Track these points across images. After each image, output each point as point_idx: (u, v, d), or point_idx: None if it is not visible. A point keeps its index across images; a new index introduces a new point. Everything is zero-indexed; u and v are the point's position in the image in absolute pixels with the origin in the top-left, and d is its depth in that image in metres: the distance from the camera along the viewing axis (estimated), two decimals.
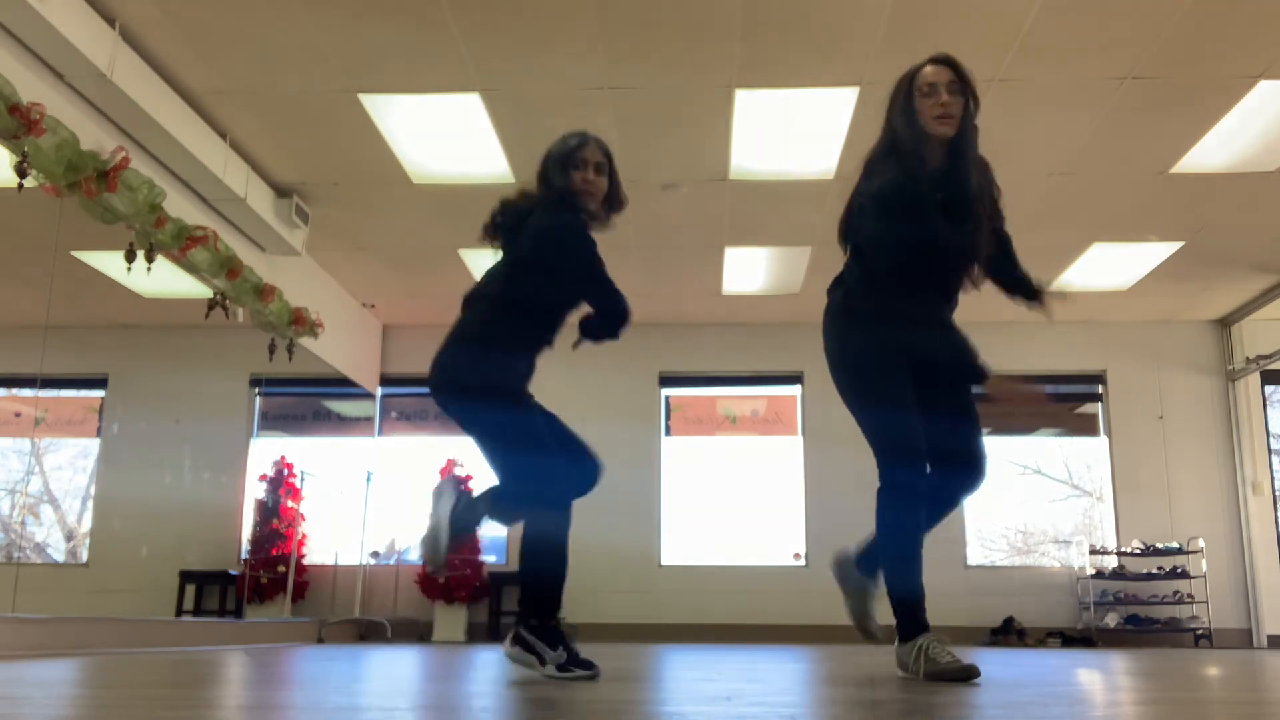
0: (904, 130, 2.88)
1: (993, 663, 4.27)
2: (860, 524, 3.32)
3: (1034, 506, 10.55)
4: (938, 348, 2.87)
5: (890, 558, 2.90)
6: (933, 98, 2.83)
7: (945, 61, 2.87)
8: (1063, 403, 10.01)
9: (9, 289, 8.67)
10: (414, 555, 9.50)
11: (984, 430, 3.03)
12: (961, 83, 2.83)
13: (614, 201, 3.10)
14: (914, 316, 2.85)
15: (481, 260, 8.35)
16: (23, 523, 10.46)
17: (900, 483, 2.84)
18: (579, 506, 3.13)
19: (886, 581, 2.92)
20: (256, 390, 9.71)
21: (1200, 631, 8.75)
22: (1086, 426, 9.91)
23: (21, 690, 2.22)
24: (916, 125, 2.86)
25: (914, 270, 2.83)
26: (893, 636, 2.95)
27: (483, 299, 3.06)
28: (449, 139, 6.31)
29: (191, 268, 6.47)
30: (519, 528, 3.07)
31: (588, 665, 2.81)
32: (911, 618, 2.85)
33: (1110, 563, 9.13)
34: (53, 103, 4.94)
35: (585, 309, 3.12)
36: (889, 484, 2.85)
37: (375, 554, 9.40)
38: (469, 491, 3.11)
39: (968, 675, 2.67)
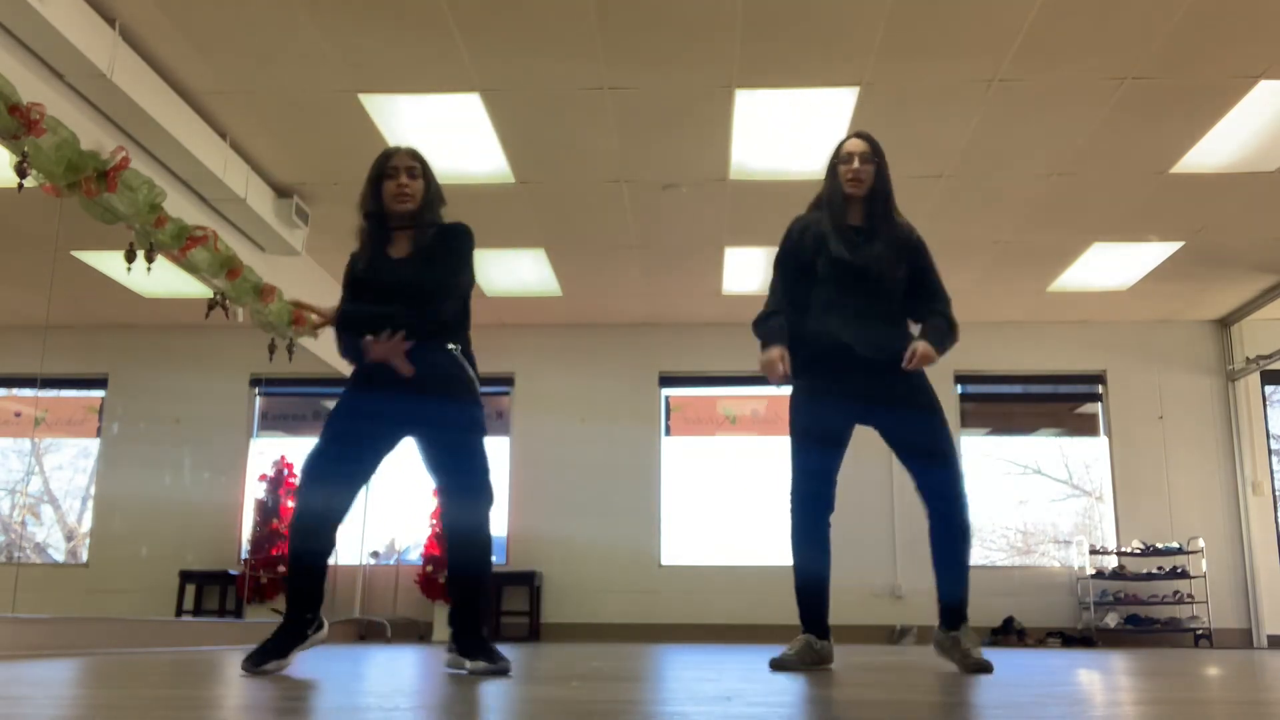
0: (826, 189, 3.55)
1: (994, 663, 4.26)
2: (860, 523, 3.35)
3: (1034, 506, 10.55)
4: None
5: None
6: (848, 164, 3.49)
7: (863, 136, 3.58)
8: (1063, 403, 10.02)
9: (9, 289, 8.67)
10: (414, 555, 9.51)
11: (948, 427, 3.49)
12: (875, 154, 3.52)
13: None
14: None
15: (481, 260, 8.37)
16: (23, 523, 10.46)
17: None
18: (580, 506, 3.12)
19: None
20: (256, 390, 9.71)
21: (1200, 631, 8.76)
22: (1086, 426, 9.91)
23: (21, 690, 2.22)
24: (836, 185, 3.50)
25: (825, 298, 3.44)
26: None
27: None
28: (449, 139, 6.31)
29: (191, 268, 6.47)
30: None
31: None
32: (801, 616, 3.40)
33: (1110, 563, 9.13)
34: (53, 103, 4.93)
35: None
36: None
37: (375, 554, 9.41)
38: None
39: (778, 668, 3.23)
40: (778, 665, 3.26)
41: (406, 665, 3.72)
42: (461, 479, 3.01)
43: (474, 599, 3.03)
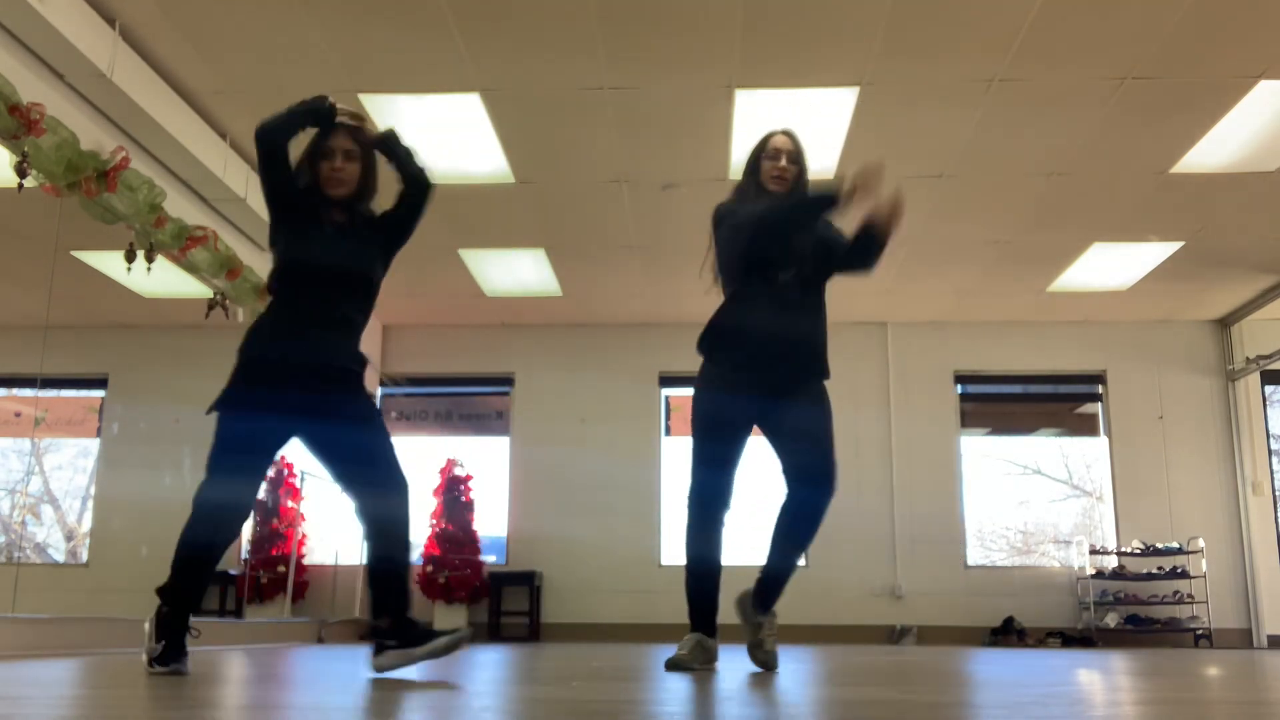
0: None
1: (993, 663, 4.27)
2: (860, 523, 3.35)
3: (1034, 506, 10.56)
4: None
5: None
6: (774, 161, 3.43)
7: (788, 134, 3.49)
8: (1063, 403, 10.02)
9: (9, 289, 8.67)
10: (414, 555, 9.50)
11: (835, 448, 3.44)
12: (799, 154, 3.44)
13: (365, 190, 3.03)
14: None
15: (482, 260, 8.38)
16: (23, 523, 10.46)
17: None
18: (580, 506, 3.09)
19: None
20: None
21: (1200, 631, 8.75)
22: (1086, 426, 9.91)
23: (21, 690, 2.22)
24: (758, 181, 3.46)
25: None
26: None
27: None
28: (449, 139, 6.31)
29: (191, 268, 6.47)
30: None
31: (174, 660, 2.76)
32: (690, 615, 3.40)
33: (1110, 563, 9.13)
34: (53, 103, 4.93)
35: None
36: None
37: None
38: None
39: (674, 668, 3.22)
40: (674, 665, 3.22)
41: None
42: (370, 470, 2.87)
43: (404, 588, 2.88)
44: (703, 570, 3.41)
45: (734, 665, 3.68)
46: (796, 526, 3.41)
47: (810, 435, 3.36)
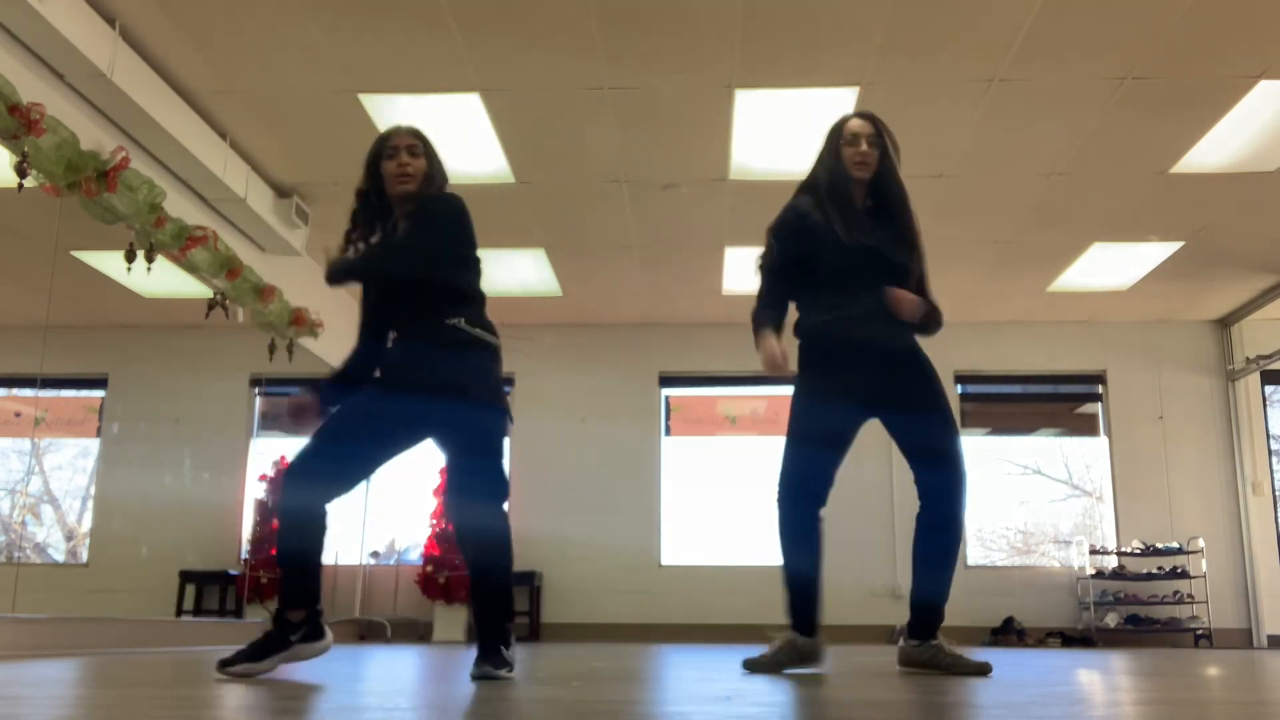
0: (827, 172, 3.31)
1: (993, 663, 4.26)
2: (860, 524, 3.34)
3: (1034, 506, 10.56)
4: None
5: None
6: (854, 147, 3.24)
7: (868, 116, 3.29)
8: (1063, 403, 10.02)
9: (9, 289, 8.67)
10: (414, 555, 9.51)
11: (958, 431, 3.29)
12: (879, 135, 3.24)
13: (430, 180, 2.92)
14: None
15: (483, 260, 8.36)
16: (23, 523, 10.46)
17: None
18: (580, 506, 3.09)
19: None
20: (256, 390, 9.70)
21: (1200, 631, 8.75)
22: (1086, 426, 9.91)
23: (21, 690, 2.22)
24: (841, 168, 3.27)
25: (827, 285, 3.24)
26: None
27: None
28: (449, 139, 6.30)
29: (191, 268, 6.47)
30: None
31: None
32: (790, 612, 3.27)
33: (1110, 563, 9.13)
34: (53, 103, 4.93)
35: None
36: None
37: (375, 554, 9.40)
38: None
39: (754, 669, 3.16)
40: (752, 666, 3.16)
41: (406, 665, 3.72)
42: (466, 480, 2.89)
43: (493, 605, 2.96)
44: (797, 566, 3.23)
45: (736, 665, 3.69)
46: (932, 559, 3.19)
47: (932, 451, 3.20)
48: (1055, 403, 10.01)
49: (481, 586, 2.95)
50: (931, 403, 3.26)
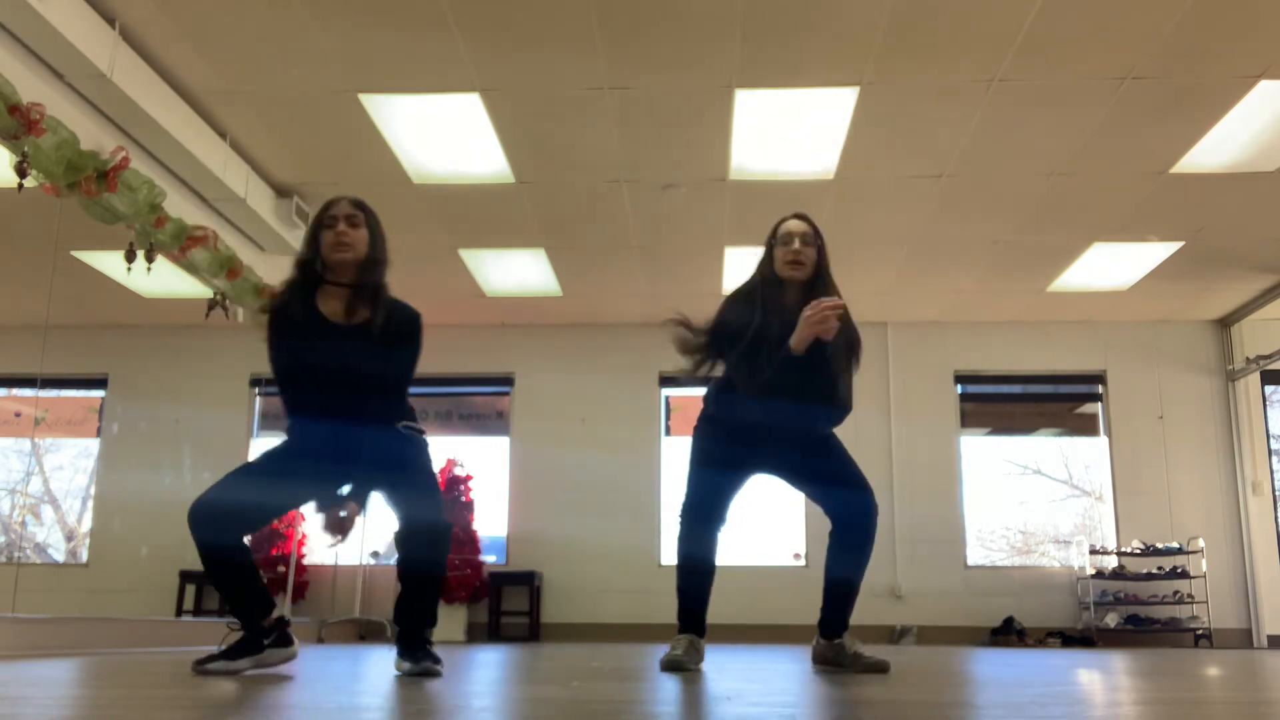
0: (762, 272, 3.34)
1: (993, 663, 4.27)
2: None
3: (1034, 506, 10.56)
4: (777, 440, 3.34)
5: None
6: (788, 246, 3.25)
7: (803, 218, 3.32)
8: (1063, 403, 10.02)
9: (9, 289, 8.67)
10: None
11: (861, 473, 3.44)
12: (815, 234, 3.28)
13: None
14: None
15: (482, 260, 8.38)
16: (23, 523, 10.46)
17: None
18: (580, 506, 3.11)
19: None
20: (256, 390, 9.70)
21: (1200, 631, 8.75)
22: (1086, 426, 9.91)
23: (21, 690, 2.22)
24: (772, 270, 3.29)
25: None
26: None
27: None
28: (449, 139, 6.31)
29: (191, 268, 6.47)
30: None
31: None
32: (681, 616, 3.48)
33: (1110, 563, 9.13)
34: (53, 103, 4.94)
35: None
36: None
37: (375, 554, 9.40)
38: None
39: (670, 668, 3.25)
40: (670, 666, 3.25)
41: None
42: (415, 494, 2.97)
43: (428, 597, 3.01)
44: (697, 574, 3.46)
45: (736, 665, 3.69)
46: (852, 547, 3.41)
47: (832, 475, 3.36)
48: (1055, 403, 10.01)
49: (435, 579, 3.10)
50: (836, 456, 3.40)
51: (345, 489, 2.94)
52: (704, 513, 3.42)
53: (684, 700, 2.05)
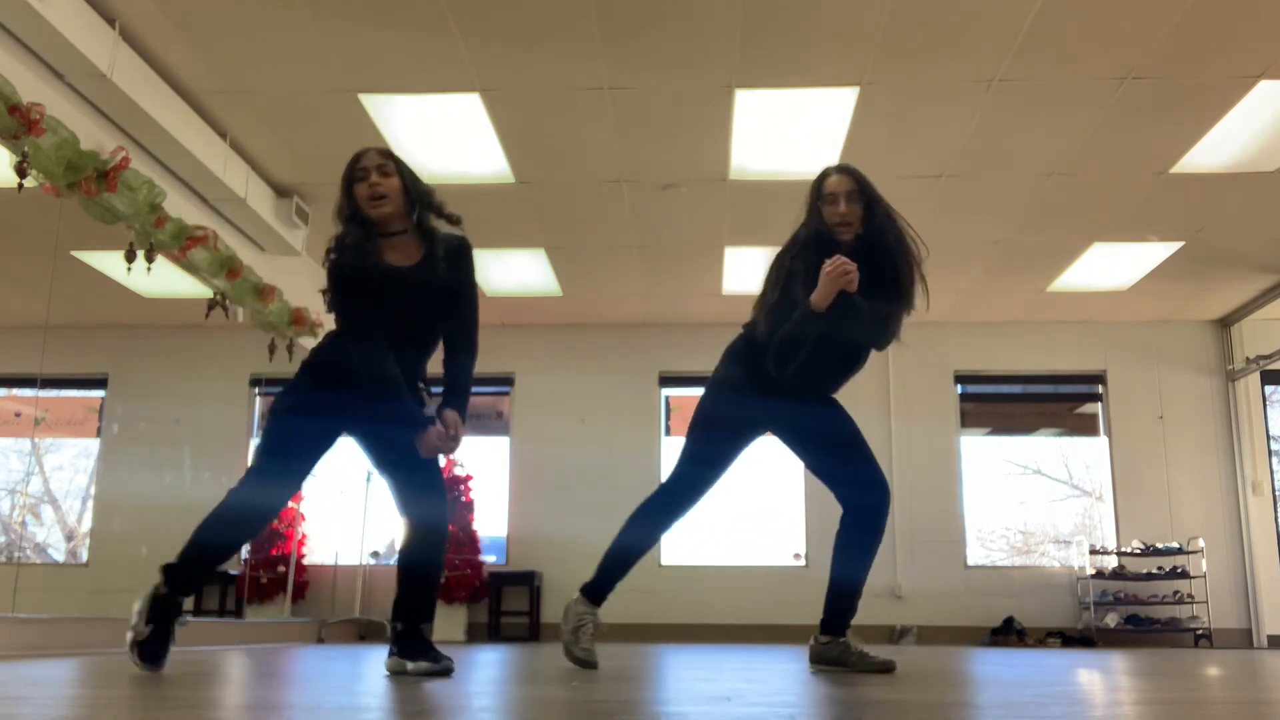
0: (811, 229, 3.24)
1: (993, 663, 4.27)
2: None
3: (1034, 506, 10.56)
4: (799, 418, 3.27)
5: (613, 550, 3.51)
6: (833, 206, 3.18)
7: (846, 171, 3.24)
8: (1063, 403, 10.02)
9: (9, 289, 8.67)
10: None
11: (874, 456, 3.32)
12: (861, 189, 3.20)
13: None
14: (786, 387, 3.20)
15: (482, 260, 8.36)
16: (23, 523, 10.46)
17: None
18: (580, 506, 3.11)
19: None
20: (256, 390, 9.70)
21: (1200, 631, 8.75)
22: (1086, 426, 9.91)
23: (21, 690, 2.22)
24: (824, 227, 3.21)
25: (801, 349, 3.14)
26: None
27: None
28: (449, 139, 6.31)
29: (191, 268, 6.47)
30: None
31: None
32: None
33: (1110, 563, 9.13)
34: (53, 103, 4.93)
35: None
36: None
37: (375, 554, 9.40)
38: None
39: (581, 663, 3.33)
40: (571, 656, 3.31)
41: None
42: (423, 475, 2.95)
43: (430, 594, 2.99)
44: (638, 554, 3.51)
45: (736, 665, 3.69)
46: (865, 536, 3.26)
47: (847, 441, 3.25)
48: (1055, 403, 10.01)
49: (433, 577, 3.09)
50: (841, 417, 3.30)
51: (430, 410, 2.93)
52: (678, 506, 3.39)
53: (684, 700, 2.05)
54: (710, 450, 3.33)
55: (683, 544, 9.48)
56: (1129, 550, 8.96)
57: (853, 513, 3.25)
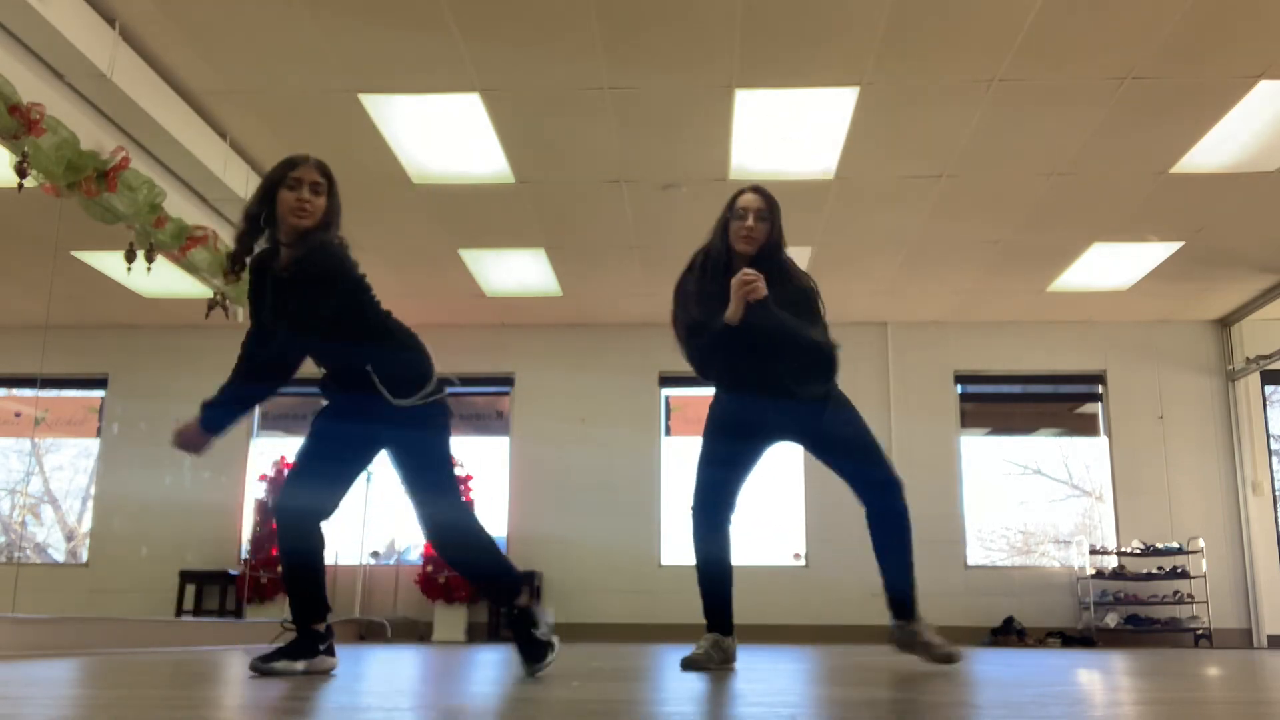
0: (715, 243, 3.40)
1: (993, 663, 4.27)
2: (858, 523, 3.37)
3: (1034, 506, 10.55)
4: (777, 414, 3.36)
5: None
6: (741, 221, 3.31)
7: (758, 191, 3.37)
8: (1063, 403, 10.01)
9: (9, 289, 8.67)
10: (414, 555, 9.51)
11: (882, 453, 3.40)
12: (769, 210, 3.33)
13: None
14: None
15: (482, 260, 8.38)
16: (23, 523, 10.46)
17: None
18: (580, 506, 3.11)
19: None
20: None
21: (1200, 631, 8.75)
22: (1086, 426, 9.91)
23: (21, 690, 2.22)
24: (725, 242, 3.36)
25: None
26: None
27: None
28: (449, 139, 6.31)
29: (191, 268, 6.47)
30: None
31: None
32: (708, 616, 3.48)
33: (1110, 563, 9.13)
34: (53, 103, 4.94)
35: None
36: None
37: (375, 554, 9.41)
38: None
39: (690, 667, 3.34)
40: (690, 664, 3.30)
41: (406, 665, 3.72)
42: (431, 489, 2.95)
43: (486, 587, 3.00)
44: (713, 571, 3.45)
45: (741, 665, 3.69)
46: (888, 538, 3.38)
47: (854, 443, 3.33)
48: (1055, 403, 10.01)
49: (477, 574, 3.05)
50: (844, 414, 3.36)
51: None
52: (710, 508, 3.41)
53: (684, 700, 2.05)
54: (722, 452, 3.42)
55: (683, 544, 9.49)
56: (1129, 550, 8.96)
57: (871, 516, 3.35)
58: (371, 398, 2.83)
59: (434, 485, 2.94)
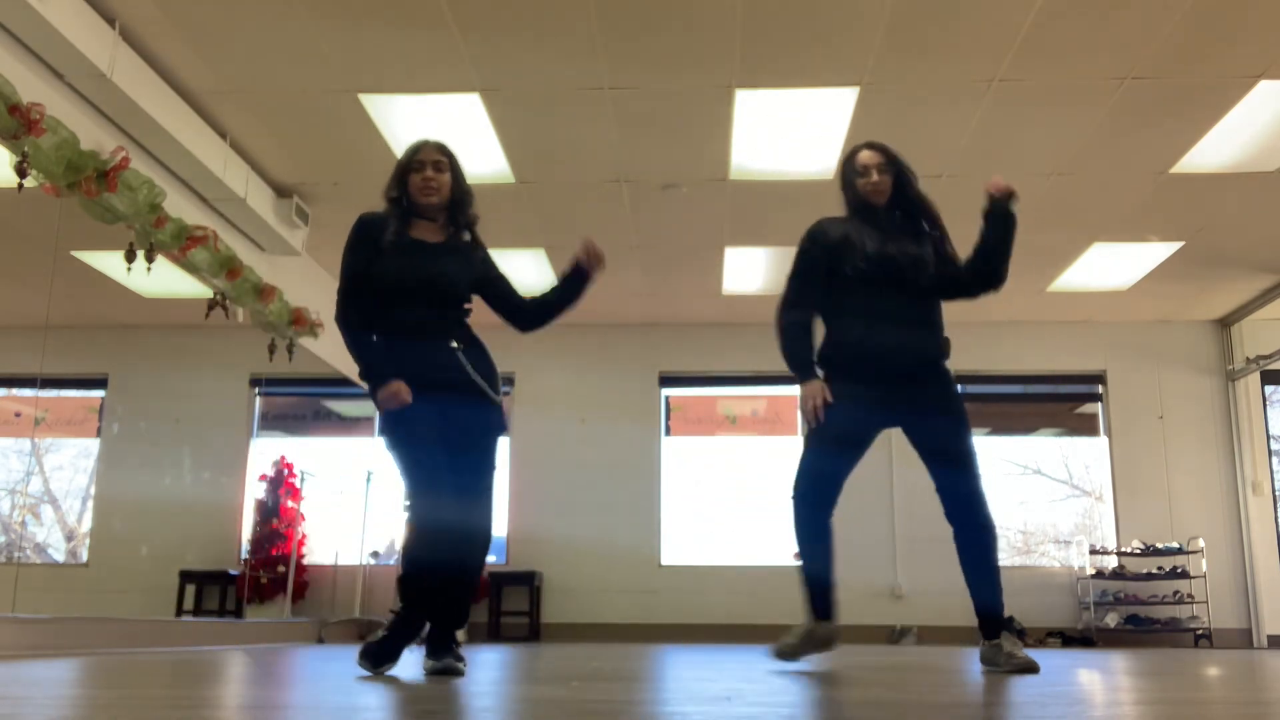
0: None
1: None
2: (860, 523, 3.37)
3: (1034, 506, 10.55)
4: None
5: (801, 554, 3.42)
6: (865, 178, 3.49)
7: (873, 146, 3.55)
8: (1063, 403, 10.01)
9: (9, 289, 8.67)
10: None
11: (972, 429, 3.45)
12: (889, 162, 3.52)
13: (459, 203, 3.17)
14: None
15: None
16: (23, 523, 10.46)
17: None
18: (580, 506, 3.12)
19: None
20: (256, 390, 9.70)
21: (1200, 631, 8.75)
22: (1086, 426, 9.91)
23: (21, 690, 2.22)
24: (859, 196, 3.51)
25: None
26: None
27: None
28: (449, 139, 6.28)
29: (191, 268, 6.47)
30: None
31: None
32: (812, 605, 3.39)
33: (1110, 563, 9.13)
34: (53, 103, 4.93)
35: None
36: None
37: (375, 554, 9.40)
38: None
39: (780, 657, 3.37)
40: (779, 654, 3.29)
41: (406, 665, 3.72)
42: (481, 480, 3.00)
43: (467, 598, 3.08)
44: (813, 554, 3.38)
45: (736, 665, 3.69)
46: (974, 561, 3.49)
47: (951, 454, 3.36)
48: (1055, 403, 10.01)
49: (468, 583, 3.13)
50: (953, 410, 3.39)
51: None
52: (814, 497, 3.35)
53: (684, 700, 2.05)
54: (833, 441, 3.40)
55: (683, 544, 9.49)
56: (1129, 550, 8.96)
57: (959, 543, 3.48)
58: (478, 395, 3.00)
59: (491, 489, 3.06)
